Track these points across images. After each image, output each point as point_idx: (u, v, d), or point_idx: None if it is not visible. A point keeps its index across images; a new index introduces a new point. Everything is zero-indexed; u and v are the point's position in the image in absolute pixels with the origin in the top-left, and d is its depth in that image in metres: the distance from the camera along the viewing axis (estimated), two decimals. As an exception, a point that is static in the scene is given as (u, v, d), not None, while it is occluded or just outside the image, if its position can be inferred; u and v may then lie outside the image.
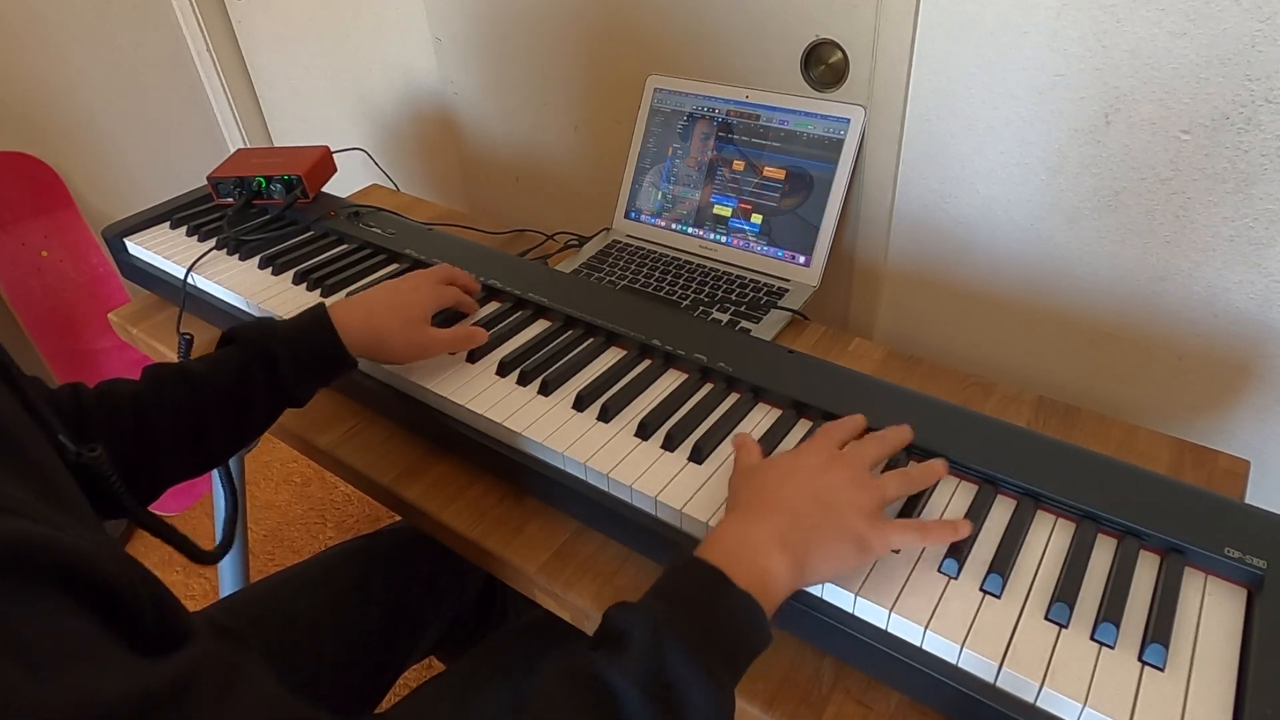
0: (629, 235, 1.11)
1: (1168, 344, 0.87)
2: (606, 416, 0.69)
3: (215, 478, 0.75)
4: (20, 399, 0.44)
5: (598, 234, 1.12)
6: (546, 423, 0.69)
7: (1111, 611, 0.50)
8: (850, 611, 0.54)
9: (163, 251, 1.00)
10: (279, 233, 1.02)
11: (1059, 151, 0.84)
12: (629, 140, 1.10)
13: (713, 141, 1.03)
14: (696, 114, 1.05)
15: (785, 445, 0.65)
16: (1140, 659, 0.49)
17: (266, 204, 1.07)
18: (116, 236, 1.04)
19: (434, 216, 1.18)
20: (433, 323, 0.76)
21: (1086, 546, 0.55)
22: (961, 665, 0.50)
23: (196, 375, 0.65)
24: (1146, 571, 0.54)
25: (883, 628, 0.53)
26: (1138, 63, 0.76)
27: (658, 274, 1.02)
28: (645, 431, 0.67)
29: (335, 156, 1.13)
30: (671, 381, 0.73)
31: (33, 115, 1.56)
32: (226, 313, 0.93)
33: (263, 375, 0.66)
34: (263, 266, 0.95)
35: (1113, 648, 0.49)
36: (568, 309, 0.81)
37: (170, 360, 0.95)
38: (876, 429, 0.64)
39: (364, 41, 1.48)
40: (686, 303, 0.96)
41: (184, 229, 1.04)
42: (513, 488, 0.73)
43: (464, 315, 0.83)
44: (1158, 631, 0.49)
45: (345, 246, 0.99)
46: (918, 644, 0.51)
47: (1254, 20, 0.69)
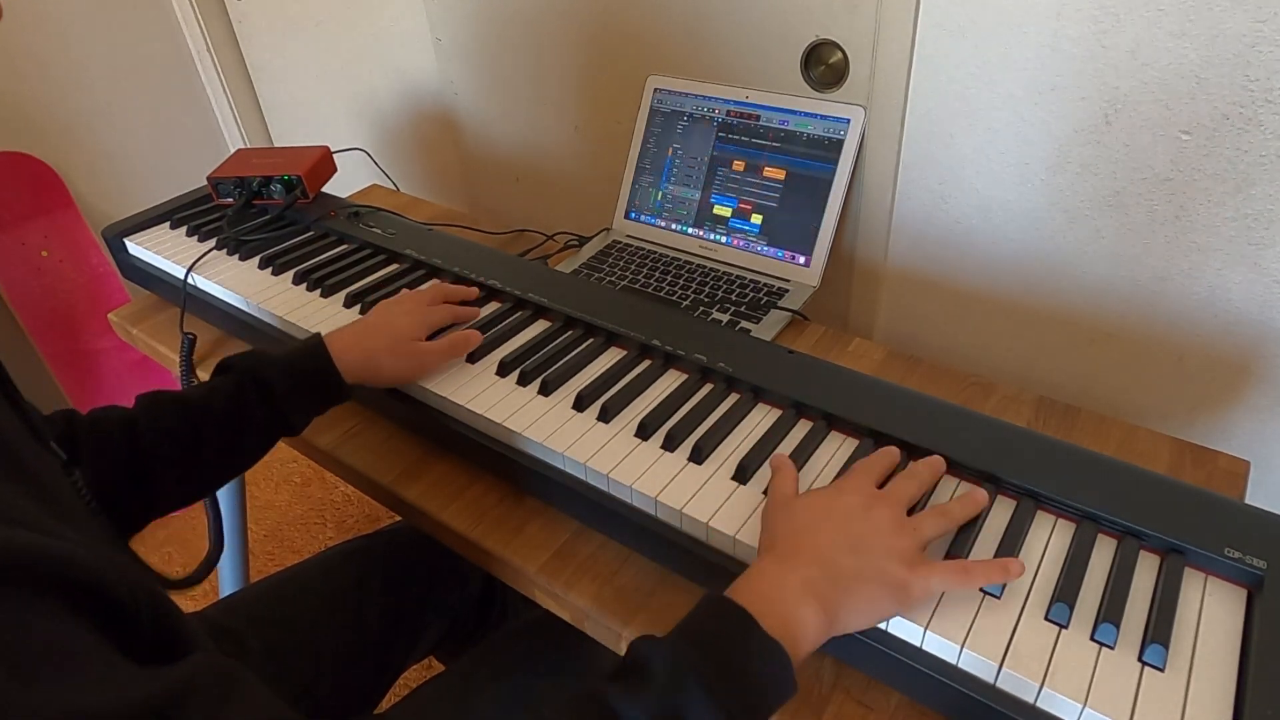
0: (629, 235, 1.11)
1: (1168, 344, 0.87)
2: (606, 417, 0.69)
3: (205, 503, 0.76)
4: (16, 409, 0.44)
5: (598, 234, 1.12)
6: (546, 423, 0.69)
7: (1111, 612, 0.50)
8: (850, 612, 0.54)
9: (163, 251, 1.00)
10: (279, 233, 1.02)
11: (1059, 151, 0.84)
12: (629, 140, 1.10)
13: (713, 141, 1.04)
14: (696, 114, 1.05)
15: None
16: (1140, 659, 0.49)
17: (266, 204, 1.07)
18: (116, 236, 1.04)
19: (434, 216, 1.18)
20: (431, 337, 0.76)
21: (1086, 547, 0.55)
22: (961, 666, 0.50)
23: (191, 401, 0.65)
24: (1146, 572, 0.54)
25: (883, 628, 0.52)
26: (1138, 63, 0.76)
27: (658, 274, 1.02)
28: (645, 432, 0.67)
29: (335, 156, 1.13)
30: (671, 382, 0.73)
31: (33, 115, 1.56)
32: (226, 313, 0.93)
33: (257, 400, 0.66)
34: (263, 267, 0.95)
35: (1113, 648, 0.49)
36: (568, 309, 0.81)
37: (170, 359, 0.96)
38: (884, 433, 0.64)
39: (364, 41, 1.48)
40: (686, 303, 0.96)
41: (184, 229, 1.05)
42: (512, 488, 0.73)
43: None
44: (1158, 632, 0.49)
45: (345, 247, 0.99)
46: (918, 644, 0.51)
47: (1254, 20, 0.69)
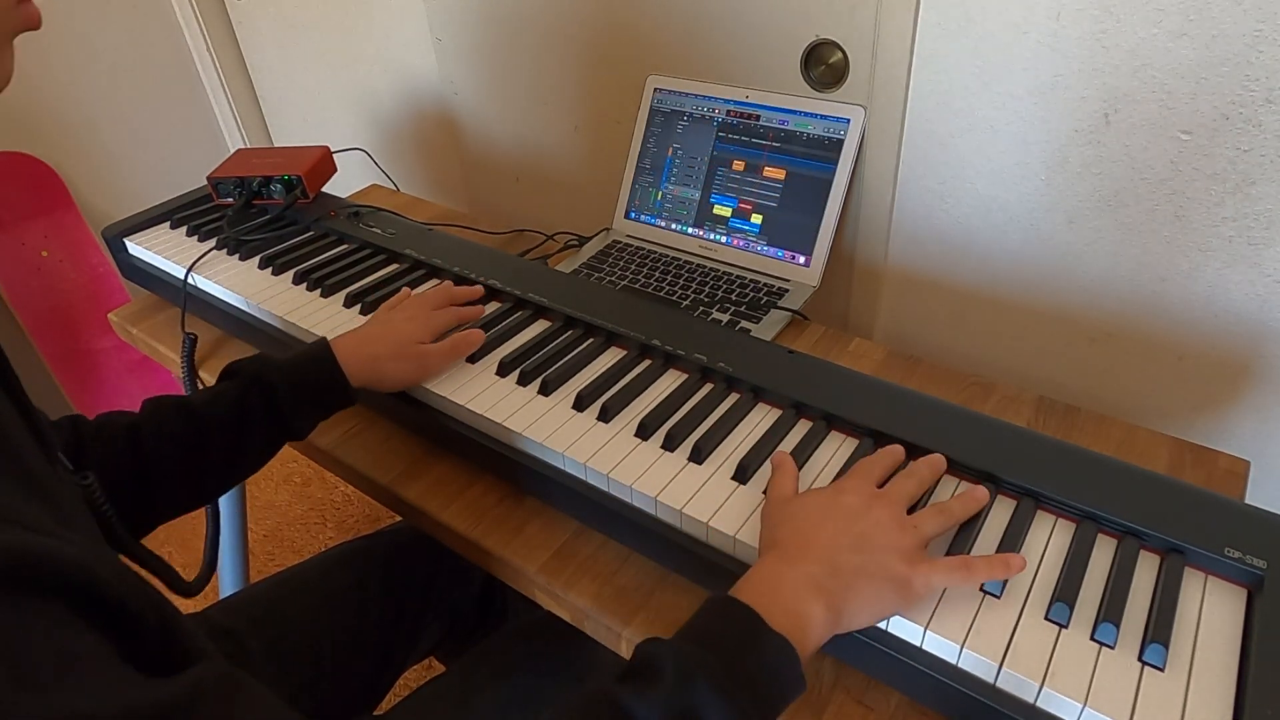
0: (629, 235, 1.11)
1: (1168, 344, 0.87)
2: (606, 417, 0.69)
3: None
4: (22, 413, 0.44)
5: (598, 234, 1.12)
6: (546, 423, 0.69)
7: (1111, 612, 0.50)
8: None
9: (163, 251, 1.00)
10: (279, 233, 1.02)
11: (1059, 151, 0.84)
12: (629, 140, 1.10)
13: (713, 141, 1.04)
14: (696, 114, 1.05)
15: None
16: (1140, 659, 0.49)
17: (266, 204, 1.07)
18: (116, 236, 1.04)
19: (434, 216, 1.18)
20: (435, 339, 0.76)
21: (1086, 546, 0.55)
22: (961, 665, 0.50)
23: (195, 406, 0.65)
24: (1146, 572, 0.54)
25: (883, 628, 0.52)
26: (1137, 63, 0.76)
27: (658, 274, 1.02)
28: (645, 432, 0.67)
29: (335, 156, 1.13)
30: (671, 382, 0.73)
31: (33, 115, 1.56)
32: (227, 313, 0.93)
33: (261, 406, 0.66)
34: (263, 266, 0.95)
35: (1113, 648, 0.49)
36: (568, 309, 0.81)
37: (170, 359, 0.96)
38: (884, 433, 0.64)
39: (364, 41, 1.48)
40: (686, 303, 0.96)
41: (184, 229, 1.05)
42: (513, 488, 0.73)
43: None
44: (1158, 632, 0.49)
45: (345, 247, 0.99)
46: (918, 644, 0.51)
47: (1254, 20, 0.69)
